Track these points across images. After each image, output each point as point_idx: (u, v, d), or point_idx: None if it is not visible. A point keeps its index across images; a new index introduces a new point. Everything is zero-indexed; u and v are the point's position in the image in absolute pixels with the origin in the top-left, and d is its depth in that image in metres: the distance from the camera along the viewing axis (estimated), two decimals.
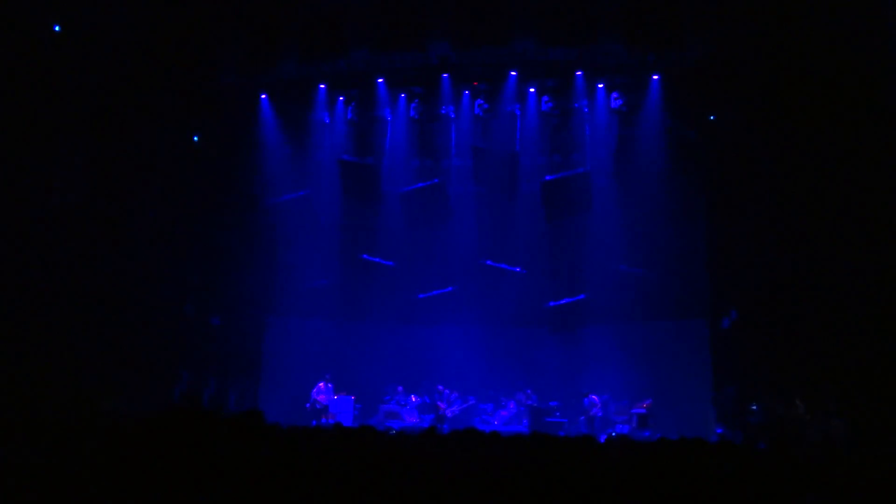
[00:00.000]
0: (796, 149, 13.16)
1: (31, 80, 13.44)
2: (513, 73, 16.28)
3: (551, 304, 17.07)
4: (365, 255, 17.46)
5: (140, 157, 15.13)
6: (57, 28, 13.68)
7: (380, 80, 16.74)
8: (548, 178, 16.65)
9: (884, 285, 11.39)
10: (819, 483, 3.57)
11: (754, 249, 14.18)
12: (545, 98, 16.70)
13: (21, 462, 3.27)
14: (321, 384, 16.70)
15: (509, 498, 3.24)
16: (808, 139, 12.83)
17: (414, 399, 17.06)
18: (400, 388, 17.24)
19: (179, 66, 15.43)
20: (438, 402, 16.47)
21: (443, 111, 17.12)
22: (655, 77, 15.70)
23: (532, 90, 16.67)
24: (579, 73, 16.10)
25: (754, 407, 13.50)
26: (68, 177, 14.42)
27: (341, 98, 17.34)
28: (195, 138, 16.71)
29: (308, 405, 16.46)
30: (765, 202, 14.01)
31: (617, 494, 3.68)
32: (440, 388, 17.26)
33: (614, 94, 16.33)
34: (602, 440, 8.33)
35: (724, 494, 3.61)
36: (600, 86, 16.33)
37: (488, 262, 16.94)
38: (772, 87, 13.62)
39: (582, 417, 16.06)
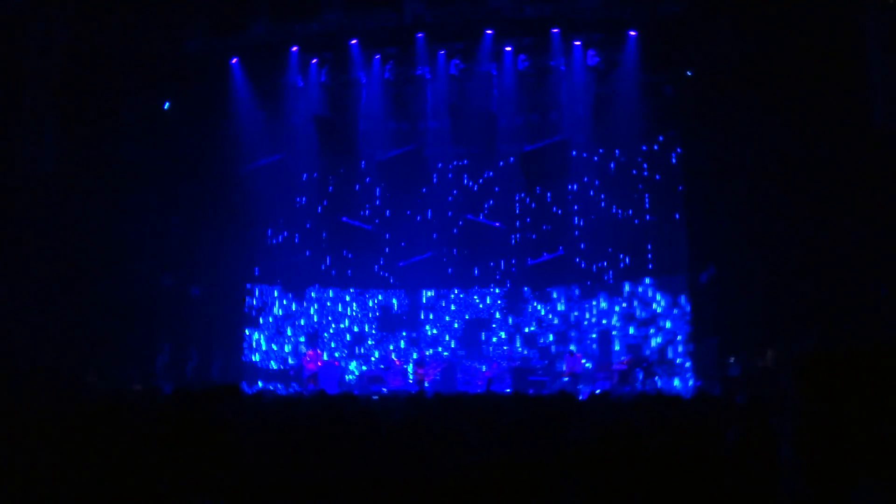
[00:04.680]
0: (774, 102, 13.15)
1: None
2: (488, 31, 16.02)
3: (531, 262, 17.16)
4: (345, 219, 17.36)
5: (111, 125, 14.81)
6: None
7: (353, 42, 16.42)
8: (526, 148, 16.56)
9: (862, 238, 11.52)
10: (793, 434, 3.64)
11: (732, 205, 14.26)
12: (522, 57, 16.48)
13: (7, 442, 3.24)
14: (310, 352, 16.75)
15: (488, 457, 3.27)
16: (787, 92, 12.82)
17: (398, 363, 17.18)
18: (392, 351, 17.35)
19: (147, 30, 15.01)
20: (418, 367, 16.59)
21: (418, 72, 16.84)
22: (632, 33, 15.56)
23: (508, 49, 16.43)
24: (556, 30, 15.89)
25: (732, 360, 13.74)
26: (38, 146, 14.10)
27: (314, 61, 16.99)
28: (166, 105, 16.38)
29: (292, 372, 16.54)
30: (743, 156, 14.04)
31: (597, 450, 3.73)
32: (424, 352, 17.43)
33: (591, 52, 16.15)
34: (584, 397, 8.44)
35: (702, 447, 3.67)
36: (577, 43, 16.14)
37: (469, 217, 16.94)
38: (749, 41, 13.53)
39: (563, 375, 16.28)
